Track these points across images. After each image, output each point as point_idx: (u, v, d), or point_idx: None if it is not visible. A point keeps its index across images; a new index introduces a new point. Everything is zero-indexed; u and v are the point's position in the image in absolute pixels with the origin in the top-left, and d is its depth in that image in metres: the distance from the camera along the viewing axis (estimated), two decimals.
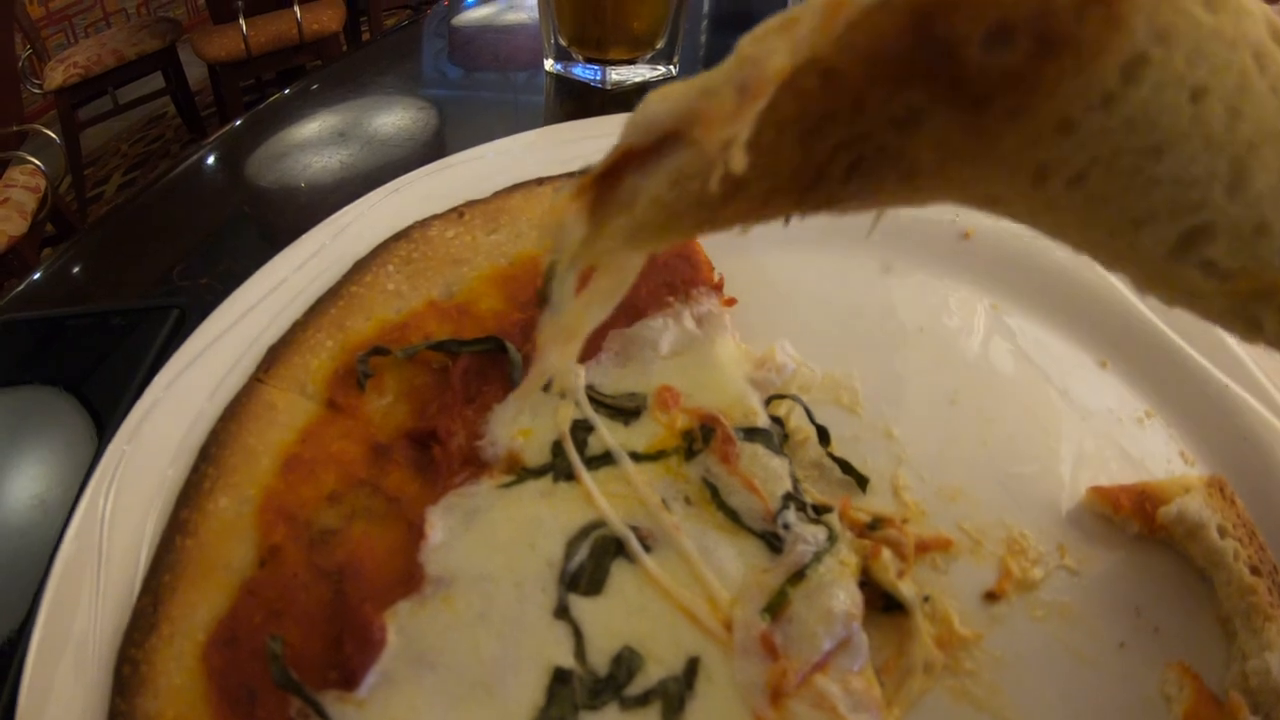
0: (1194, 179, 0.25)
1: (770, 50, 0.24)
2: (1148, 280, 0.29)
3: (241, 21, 2.97)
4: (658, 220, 0.26)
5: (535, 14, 1.17)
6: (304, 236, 0.67)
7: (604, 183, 0.26)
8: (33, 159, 2.64)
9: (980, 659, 0.48)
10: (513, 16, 1.31)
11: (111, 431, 0.53)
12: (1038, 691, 0.47)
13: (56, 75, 3.23)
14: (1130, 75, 0.24)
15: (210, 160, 0.94)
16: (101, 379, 0.66)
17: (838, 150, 0.27)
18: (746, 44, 0.25)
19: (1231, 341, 0.64)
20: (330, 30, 3.12)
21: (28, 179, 2.59)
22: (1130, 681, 0.48)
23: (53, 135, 2.91)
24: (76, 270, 0.80)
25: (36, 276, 0.78)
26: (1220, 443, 0.60)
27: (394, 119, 1.00)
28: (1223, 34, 0.25)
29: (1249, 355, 0.63)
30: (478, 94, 1.09)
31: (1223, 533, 0.52)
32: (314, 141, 0.95)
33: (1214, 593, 0.52)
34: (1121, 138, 0.25)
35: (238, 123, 1.00)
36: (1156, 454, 0.60)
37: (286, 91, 1.07)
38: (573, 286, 0.28)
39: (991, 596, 0.51)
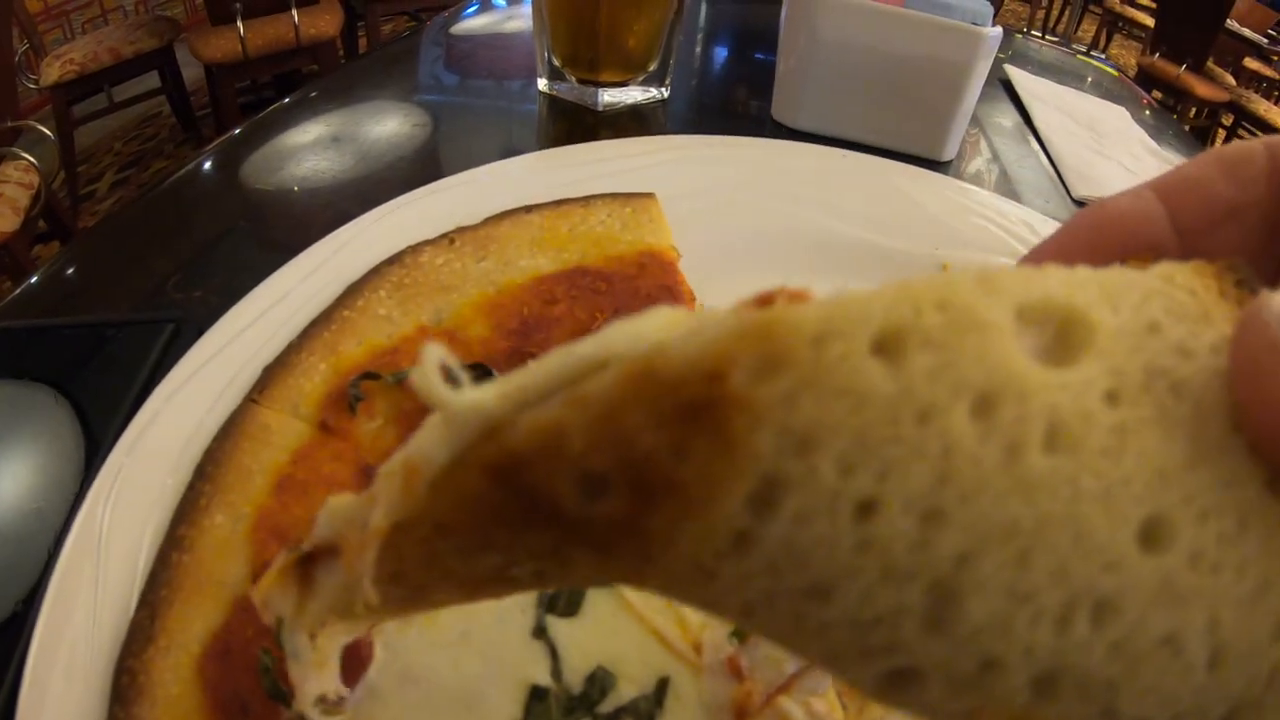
0: (874, 618, 0.19)
1: (376, 505, 0.22)
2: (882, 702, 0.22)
3: (239, 23, 2.98)
4: (352, 609, 0.25)
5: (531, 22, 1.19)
6: (299, 256, 0.69)
7: (304, 565, 0.26)
8: (26, 155, 2.64)
9: None
10: (511, 26, 1.34)
11: (108, 443, 0.55)
12: None
13: (52, 71, 3.24)
14: (761, 507, 0.18)
15: (208, 168, 0.96)
16: (96, 390, 0.67)
17: (506, 567, 0.22)
18: (378, 476, 0.23)
19: None
20: (327, 35, 3.14)
21: (21, 175, 2.60)
22: None
23: (47, 131, 2.92)
24: (71, 276, 0.81)
25: (31, 282, 0.79)
26: None
27: (391, 130, 1.02)
28: (910, 398, 0.18)
29: None
30: (474, 104, 1.12)
31: None
32: (312, 152, 0.97)
33: None
34: (769, 581, 0.19)
35: (236, 131, 1.02)
36: None
37: (286, 100, 1.09)
38: (303, 639, 0.29)
39: None
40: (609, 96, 1.05)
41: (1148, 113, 1.34)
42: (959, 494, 0.18)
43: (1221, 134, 4.95)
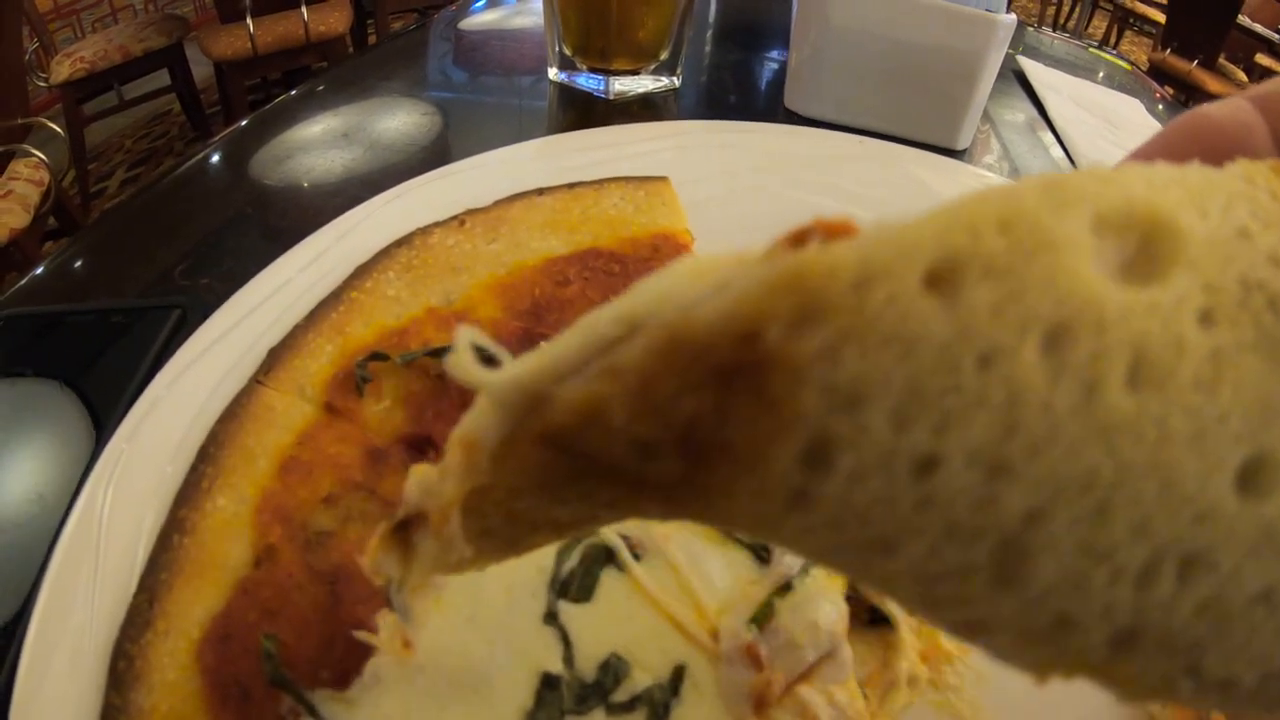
0: (941, 574, 0.18)
1: (442, 479, 0.23)
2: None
3: (249, 21, 2.98)
4: (454, 565, 0.25)
5: (541, 20, 1.18)
6: (307, 239, 0.68)
7: (403, 531, 0.27)
8: (36, 152, 2.64)
9: (964, 674, 0.49)
10: (519, 21, 1.33)
11: (111, 429, 0.54)
12: (1021, 707, 0.48)
13: (63, 69, 3.24)
14: (814, 465, 0.17)
15: (215, 159, 0.95)
16: (101, 376, 0.66)
17: (586, 512, 0.22)
18: (449, 443, 0.23)
19: None
20: (337, 32, 3.14)
21: (31, 172, 2.60)
22: (1114, 698, 0.49)
23: (57, 129, 2.92)
24: (78, 265, 0.80)
25: (39, 271, 0.79)
26: None
27: (398, 122, 1.01)
28: (970, 338, 0.16)
29: None
30: (482, 98, 1.10)
31: None
32: (318, 143, 0.96)
33: None
34: (832, 536, 0.18)
35: (243, 123, 1.01)
36: None
37: (293, 93, 1.08)
38: (410, 598, 0.31)
39: None
40: (620, 85, 1.04)
41: (1161, 107, 1.32)
42: (1028, 445, 0.16)
43: None
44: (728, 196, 0.76)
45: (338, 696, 0.41)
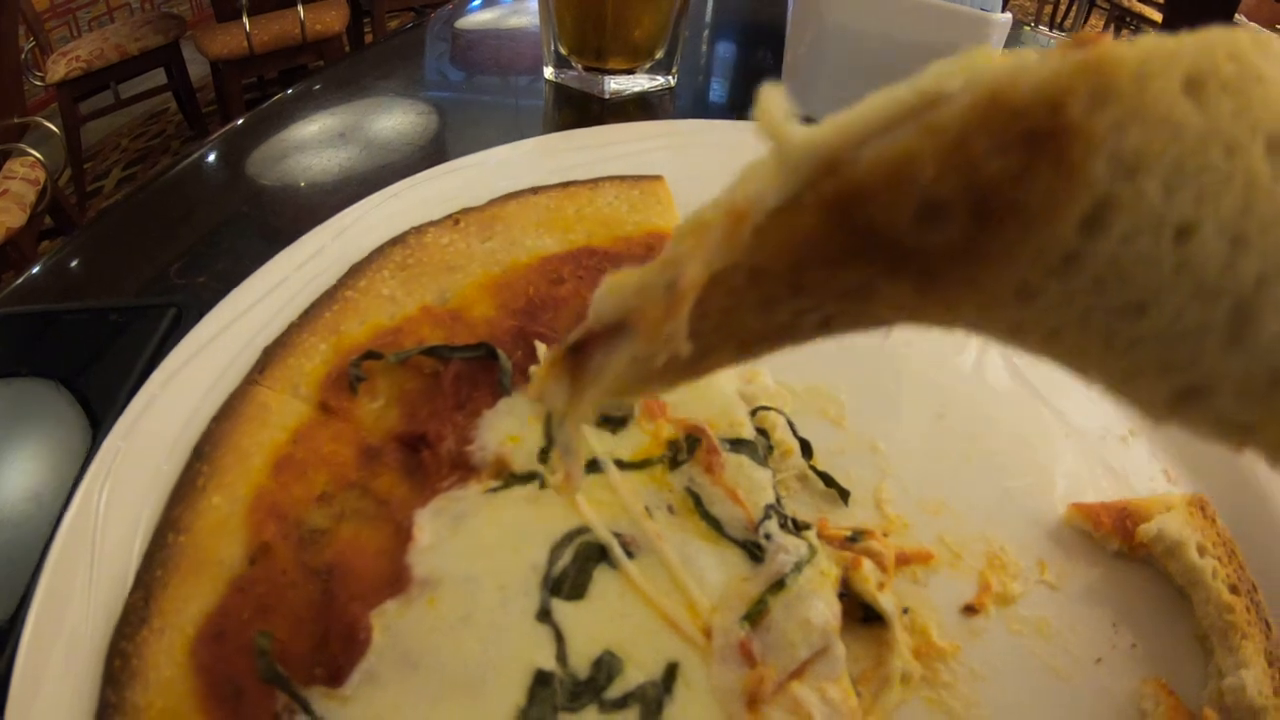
0: (1181, 333, 0.21)
1: (686, 257, 0.23)
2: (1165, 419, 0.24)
3: (245, 19, 2.98)
4: (633, 383, 0.26)
5: (537, 19, 1.18)
6: (303, 238, 0.68)
7: (574, 355, 0.27)
8: (33, 151, 2.64)
9: (957, 671, 0.49)
10: (515, 21, 1.32)
11: (107, 427, 0.54)
12: (1014, 705, 0.48)
13: (59, 68, 3.24)
14: (1092, 227, 0.20)
15: (211, 158, 0.95)
16: (98, 375, 0.66)
17: (800, 314, 0.25)
18: (673, 239, 0.24)
19: None
20: (333, 31, 3.14)
21: (28, 171, 2.59)
22: (1106, 697, 0.49)
23: (53, 128, 2.92)
24: (75, 265, 0.80)
25: (35, 271, 0.79)
26: (1202, 462, 0.61)
27: (395, 121, 1.01)
28: (1218, 133, 0.20)
29: None
30: (479, 98, 1.10)
31: (1202, 551, 0.53)
32: (315, 142, 0.96)
33: (1192, 610, 0.53)
34: (1091, 298, 0.21)
35: (239, 122, 1.01)
36: (1139, 472, 0.61)
37: (289, 91, 1.08)
38: (573, 433, 0.30)
39: (970, 610, 0.52)
40: (615, 84, 1.04)
41: None
42: (1260, 223, 0.20)
43: None
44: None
45: (331, 694, 0.41)
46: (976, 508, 0.57)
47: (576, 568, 0.46)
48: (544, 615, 0.44)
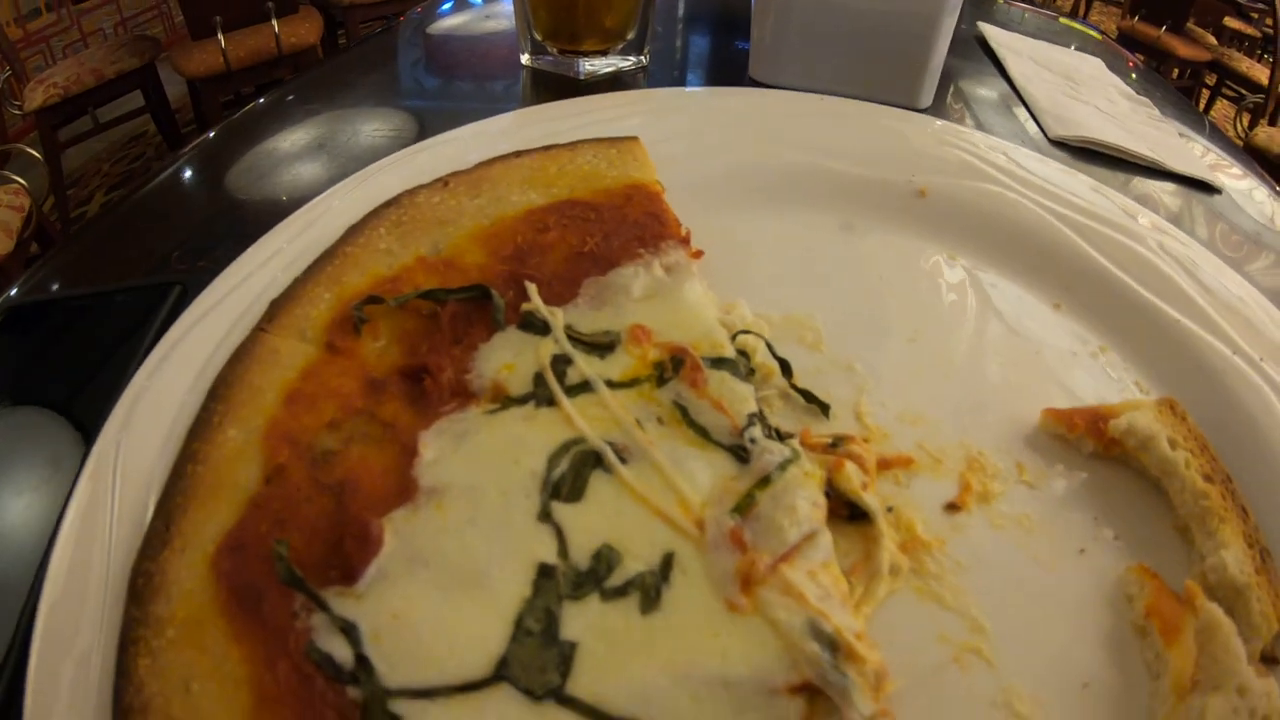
0: None
1: None
2: None
3: (220, 36, 3.00)
4: None
5: (511, 21, 1.20)
6: (298, 211, 0.70)
7: None
8: (17, 178, 2.65)
9: (943, 563, 0.52)
10: (490, 25, 1.35)
11: (121, 388, 0.56)
12: (1000, 593, 0.51)
13: (36, 96, 3.25)
14: None
15: (186, 174, 0.95)
16: (107, 350, 0.68)
17: None
18: None
19: (1182, 281, 0.69)
20: (308, 43, 3.16)
21: (12, 198, 2.61)
22: (1091, 583, 0.52)
23: (36, 154, 2.93)
24: (56, 288, 0.79)
25: (12, 293, 0.78)
26: (1174, 373, 0.64)
27: (372, 128, 1.01)
28: None
29: (1198, 294, 0.68)
30: (454, 104, 1.11)
31: (1174, 444, 0.55)
32: (290, 153, 0.96)
33: (1170, 504, 0.55)
34: None
35: (211, 134, 1.00)
36: (1112, 384, 0.64)
37: (260, 101, 1.08)
38: None
39: (952, 508, 0.55)
40: (590, 65, 1.07)
41: (1134, 76, 1.35)
42: None
43: (1205, 94, 4.99)
44: (695, 153, 0.79)
45: (346, 592, 0.43)
46: (953, 418, 0.60)
47: (573, 473, 0.48)
48: (544, 516, 0.47)
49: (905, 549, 0.52)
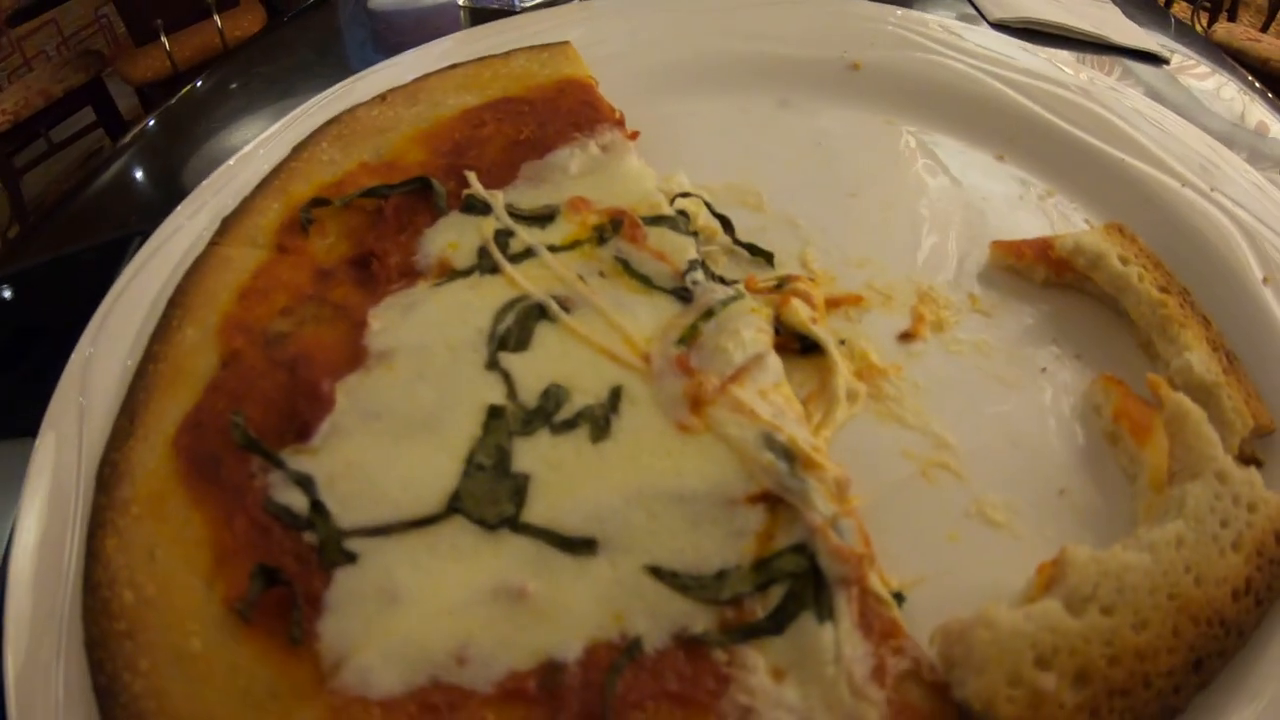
0: None
1: None
2: None
3: (164, 39, 2.97)
4: None
5: None
6: (258, 138, 0.70)
7: None
8: None
9: (901, 387, 0.53)
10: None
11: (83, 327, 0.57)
12: (963, 411, 0.52)
13: None
14: None
15: (130, 167, 0.92)
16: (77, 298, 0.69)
17: None
18: None
19: (1125, 126, 0.69)
20: (252, 34, 3.12)
21: None
22: (1057, 399, 0.53)
23: None
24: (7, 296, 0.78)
25: None
26: (1123, 208, 0.64)
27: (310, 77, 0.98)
28: None
29: (1143, 136, 0.68)
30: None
31: (1125, 261, 0.55)
32: (239, 136, 0.89)
33: (1130, 324, 0.56)
34: None
35: (150, 121, 0.98)
36: (1061, 222, 0.64)
37: (198, 84, 1.04)
38: None
39: (907, 337, 0.56)
40: None
41: None
42: None
43: None
44: (632, 51, 0.79)
45: (301, 449, 0.45)
46: (901, 259, 0.61)
47: (519, 326, 0.50)
48: (492, 365, 0.48)
49: (861, 376, 0.53)
